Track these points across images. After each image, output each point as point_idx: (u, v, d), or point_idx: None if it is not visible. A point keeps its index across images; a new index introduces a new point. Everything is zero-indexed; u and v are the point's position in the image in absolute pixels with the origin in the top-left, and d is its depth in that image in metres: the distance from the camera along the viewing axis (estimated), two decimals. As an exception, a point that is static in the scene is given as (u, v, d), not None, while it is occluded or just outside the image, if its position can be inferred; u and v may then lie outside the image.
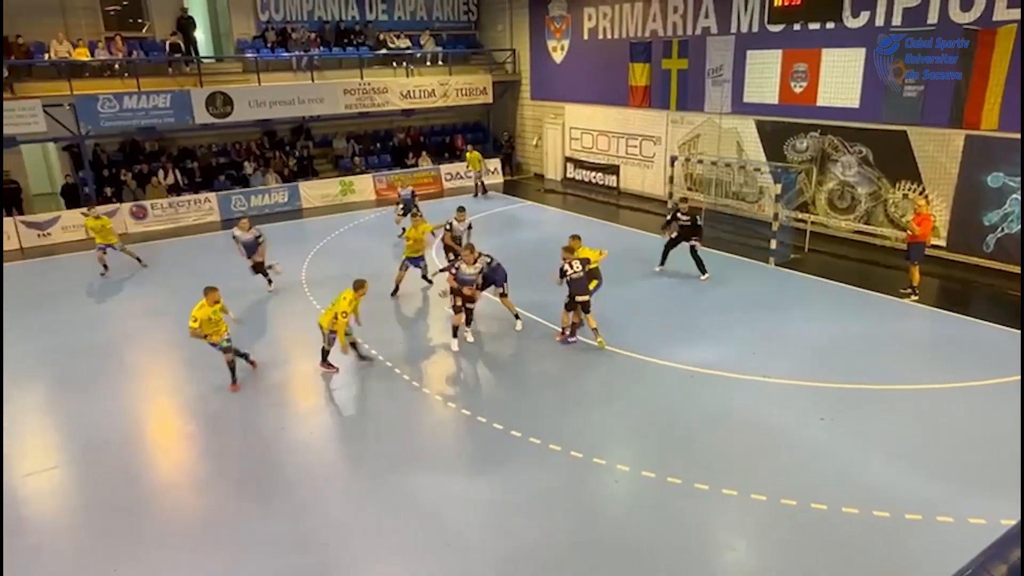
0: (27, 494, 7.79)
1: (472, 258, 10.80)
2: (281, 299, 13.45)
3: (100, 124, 18.39)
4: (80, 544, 6.90)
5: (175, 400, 9.86)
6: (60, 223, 18.15)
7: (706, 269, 13.74)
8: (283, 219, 20.00)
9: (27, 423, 9.37)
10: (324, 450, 8.43)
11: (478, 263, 10.86)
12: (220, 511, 7.30)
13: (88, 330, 12.21)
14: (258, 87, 20.55)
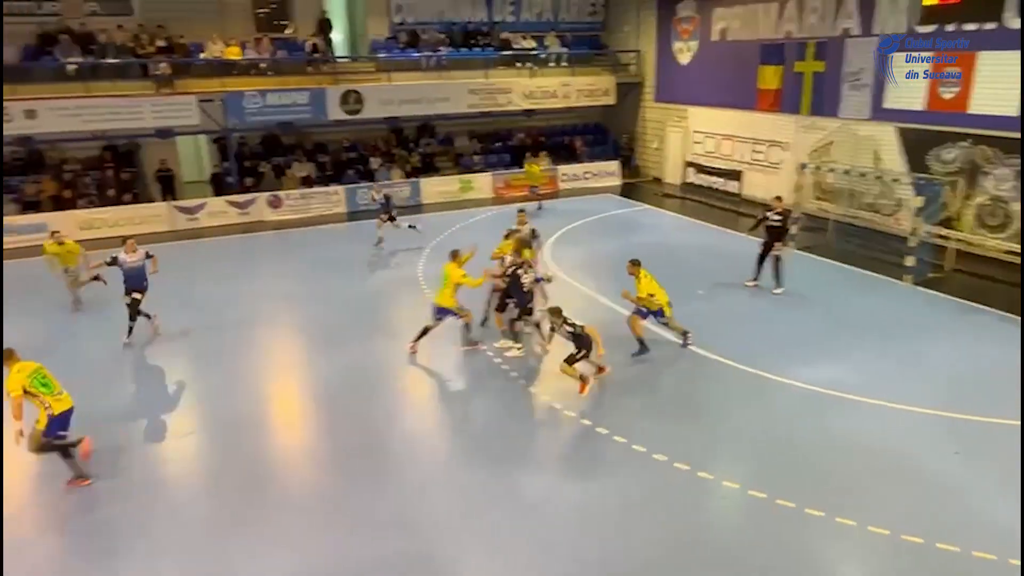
0: (168, 455, 8.55)
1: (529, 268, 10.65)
2: (397, 293, 13.95)
3: (245, 119, 19.80)
4: (207, 504, 7.48)
5: (301, 378, 10.47)
6: (207, 208, 19.70)
7: (783, 283, 12.97)
8: (404, 213, 20.66)
9: (173, 391, 10.27)
10: (436, 440, 8.69)
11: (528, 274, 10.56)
12: (335, 489, 7.68)
13: (228, 308, 13.17)
14: (388, 86, 21.44)
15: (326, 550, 6.68)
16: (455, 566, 6.49)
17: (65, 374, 8.02)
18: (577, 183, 23.81)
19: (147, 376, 10.80)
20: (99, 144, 20.25)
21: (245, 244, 16.34)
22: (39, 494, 7.78)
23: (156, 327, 11.89)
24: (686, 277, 14.05)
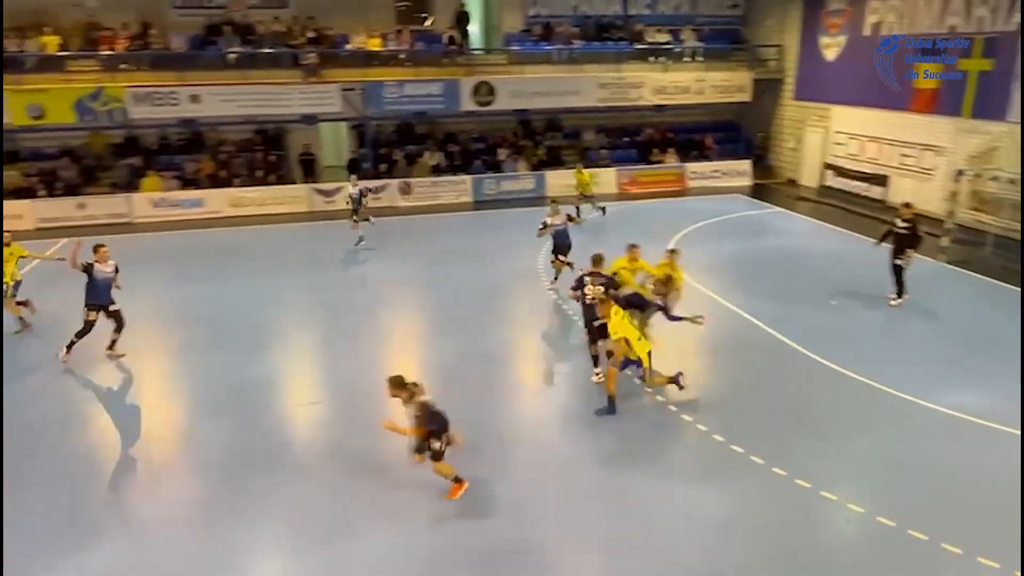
0: (295, 422, 9.12)
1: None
2: (516, 284, 14.10)
3: (383, 107, 20.67)
4: (327, 471, 7.90)
5: (421, 359, 10.85)
6: (343, 192, 20.68)
7: (904, 292, 11.93)
8: (528, 205, 20.95)
9: (303, 363, 10.96)
10: (546, 431, 8.73)
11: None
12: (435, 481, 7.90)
13: (355, 288, 13.86)
14: (519, 78, 21.68)
15: (433, 529, 6.89)
16: (556, 559, 6.51)
17: (214, 338, 8.71)
18: (705, 182, 23.10)
19: (279, 347, 11.53)
20: (251, 128, 21.80)
21: (376, 228, 17.07)
22: (187, 453, 8.53)
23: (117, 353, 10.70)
24: (818, 285, 13.33)
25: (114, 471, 8.11)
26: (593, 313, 9.14)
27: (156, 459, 8.26)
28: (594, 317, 9.12)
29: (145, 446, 8.57)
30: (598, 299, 8.92)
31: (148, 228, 18.86)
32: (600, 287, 9.13)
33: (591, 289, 9.18)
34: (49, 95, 18.41)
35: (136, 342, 11.54)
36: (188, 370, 10.61)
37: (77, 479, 7.76)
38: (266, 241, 17.67)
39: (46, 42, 19.43)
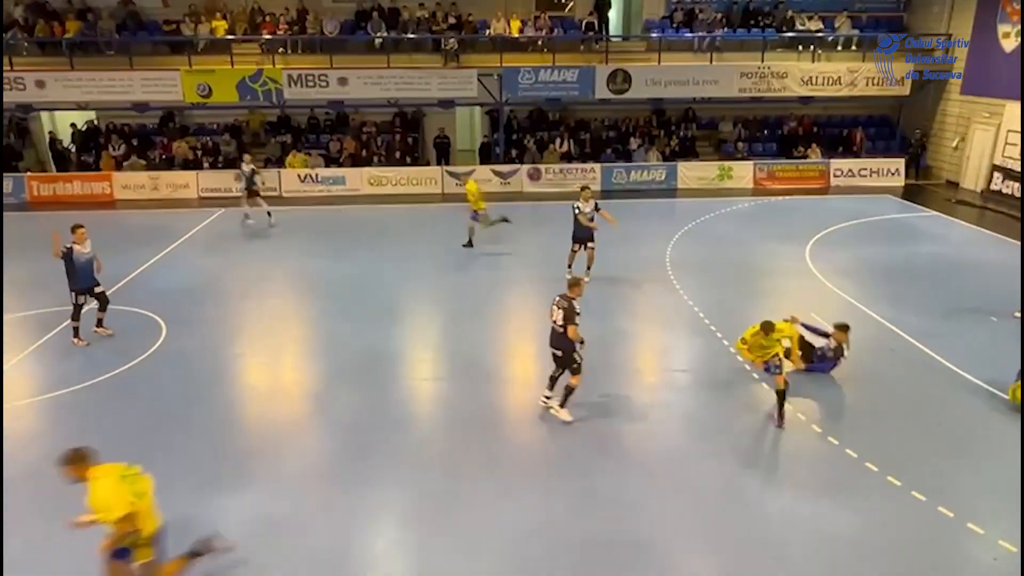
0: (419, 395, 9.49)
1: None
2: (642, 274, 13.89)
3: (518, 93, 20.88)
4: (446, 444, 8.17)
5: (540, 343, 10.93)
6: (474, 175, 21.19)
7: None
8: (657, 196, 20.55)
9: (429, 339, 11.37)
10: (667, 426, 8.57)
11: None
12: (561, 454, 7.96)
13: (482, 269, 14.16)
14: (657, 66, 21.18)
15: (543, 513, 6.97)
16: (671, 558, 6.40)
17: (347, 309, 9.17)
18: (852, 180, 21.66)
19: (408, 321, 12.00)
20: (392, 110, 22.71)
21: (504, 212, 17.33)
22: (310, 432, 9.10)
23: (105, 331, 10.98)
24: (976, 299, 12.20)
25: (256, 426, 8.79)
26: (553, 340, 8.38)
27: (292, 418, 8.87)
28: (552, 344, 8.40)
29: (283, 405, 9.21)
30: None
31: (294, 202, 20.16)
32: (561, 312, 8.18)
33: (553, 312, 8.32)
34: (216, 76, 20.01)
35: (278, 309, 12.42)
36: (323, 337, 11.28)
37: (224, 431, 8.48)
38: (401, 219, 18.40)
39: (216, 27, 21.12)
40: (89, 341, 10.80)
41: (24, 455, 8.15)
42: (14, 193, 20.27)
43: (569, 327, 8.12)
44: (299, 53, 21.18)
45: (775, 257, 14.75)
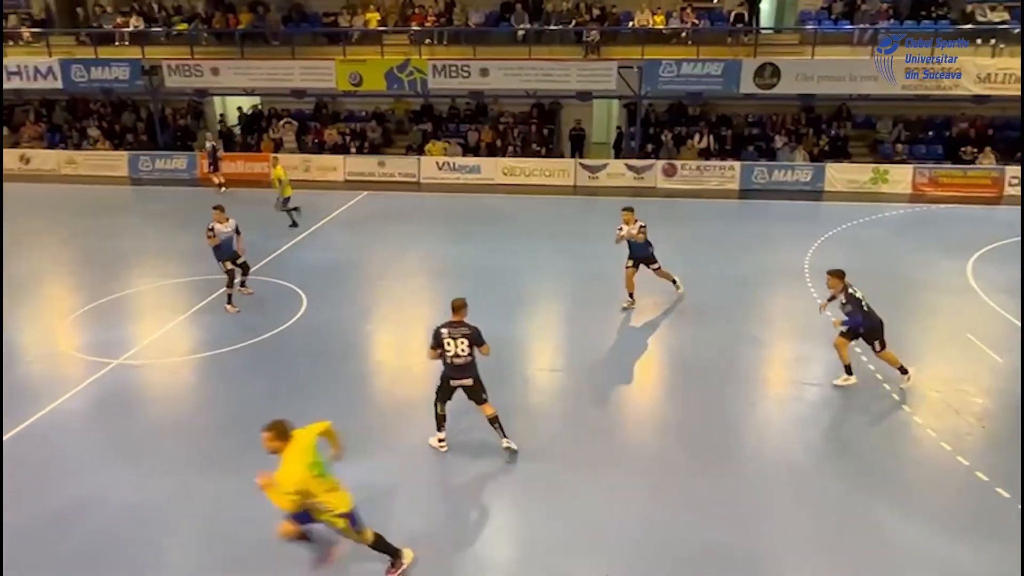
0: (538, 384, 9.58)
1: None
2: (777, 281, 13.22)
3: (658, 86, 20.42)
4: (555, 435, 8.19)
5: (668, 346, 10.71)
6: (608, 169, 21.06)
7: None
8: (800, 198, 19.44)
9: (550, 329, 11.44)
10: (789, 440, 8.14)
11: None
12: (673, 457, 7.76)
13: (607, 263, 13.99)
14: (809, 60, 19.97)
15: (654, 515, 6.83)
16: (782, 573, 6.10)
17: (474, 293, 9.35)
18: (1029, 189, 19.43)
19: (531, 310, 12.13)
20: (529, 101, 22.94)
21: (636, 207, 16.94)
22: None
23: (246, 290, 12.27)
24: None
25: (379, 400, 9.24)
26: (456, 374, 7.43)
27: (414, 395, 9.22)
28: (453, 377, 7.45)
29: (407, 382, 9.60)
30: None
31: (432, 189, 20.90)
32: (464, 340, 7.26)
33: (453, 344, 7.27)
34: (367, 65, 21.07)
35: (410, 290, 12.94)
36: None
37: (350, 402, 8.97)
38: (533, 210, 18.58)
39: (369, 18, 22.22)
40: (240, 308, 11.78)
41: (176, 407, 9.07)
42: (187, 170, 22.42)
43: (483, 348, 7.37)
44: (444, 44, 21.85)
45: (930, 270, 13.55)
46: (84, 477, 7.46)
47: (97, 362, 9.86)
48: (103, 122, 24.41)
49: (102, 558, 6.33)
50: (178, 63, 21.70)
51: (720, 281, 13.00)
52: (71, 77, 22.12)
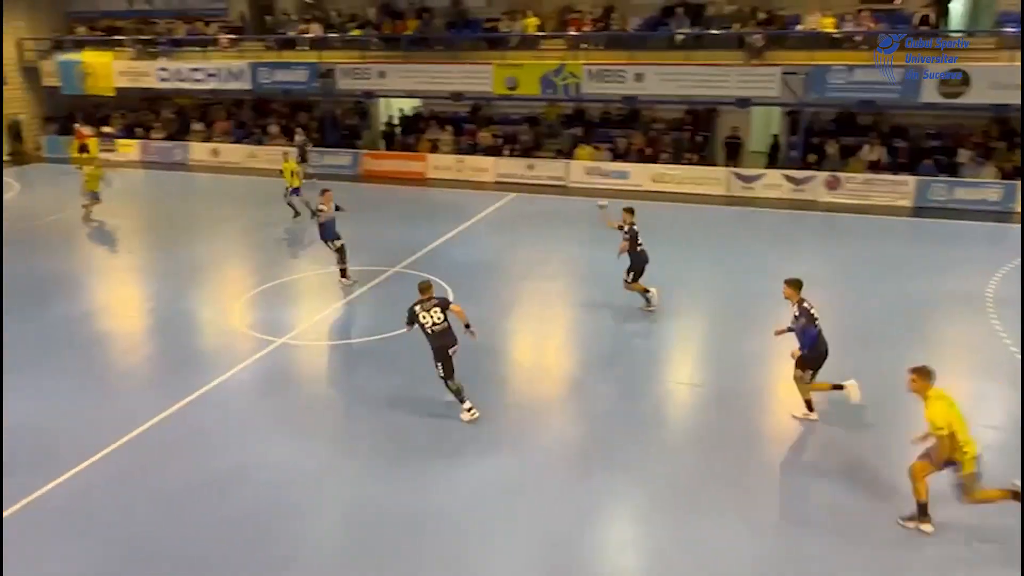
0: (675, 398, 9.32)
1: None
2: (953, 312, 11.96)
3: (825, 94, 19.16)
4: (689, 452, 7.89)
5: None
6: (764, 179, 20.08)
7: None
8: (986, 219, 17.51)
9: (693, 341, 11.08)
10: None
11: None
12: (817, 490, 7.24)
13: (756, 277, 13.34)
14: (1007, 67, 17.92)
15: (791, 548, 6.42)
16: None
17: (614, 300, 9.25)
18: None
19: (673, 321, 11.81)
20: (683, 107, 22.36)
21: (794, 220, 16.21)
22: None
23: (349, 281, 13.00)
24: None
25: (515, 400, 9.35)
26: (441, 341, 8.26)
27: (549, 398, 9.26)
28: (443, 345, 8.28)
29: (544, 384, 9.66)
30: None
31: (579, 193, 20.91)
32: (436, 308, 8.24)
33: (427, 315, 8.20)
34: (523, 70, 21.44)
35: (552, 292, 13.02)
36: (589, 325, 11.58)
37: (488, 399, 9.14)
38: (682, 218, 18.08)
39: (527, 23, 22.62)
40: (356, 279, 12.81)
41: (329, 387, 9.70)
42: (350, 166, 23.94)
43: (454, 307, 8.44)
44: (600, 49, 21.78)
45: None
46: (245, 444, 8.16)
47: (264, 339, 10.74)
48: (281, 120, 26.63)
49: (254, 522, 6.86)
50: (350, 66, 23.21)
51: (887, 306, 11.99)
52: (258, 79, 24.29)
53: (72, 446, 7.95)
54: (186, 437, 8.29)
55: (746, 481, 7.39)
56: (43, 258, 15.22)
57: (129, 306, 13.06)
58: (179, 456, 7.90)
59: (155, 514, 6.97)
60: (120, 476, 7.54)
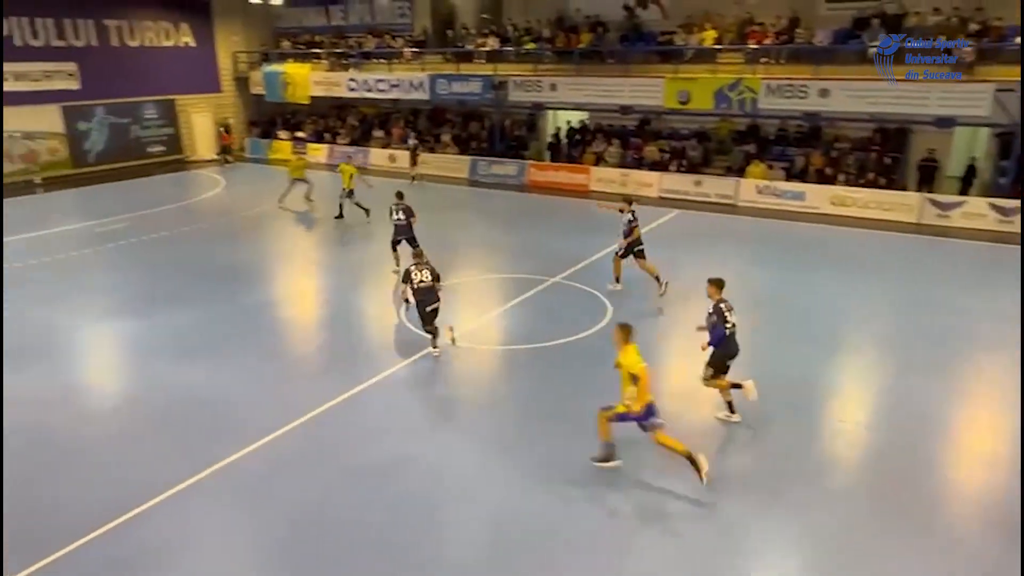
0: (842, 438, 8.54)
1: None
2: None
3: (1048, 114, 16.96)
4: (857, 497, 7.16)
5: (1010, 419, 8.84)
6: (963, 207, 18.09)
7: None
8: None
9: (870, 380, 10.14)
10: None
11: None
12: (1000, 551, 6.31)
13: (953, 315, 12.02)
14: None
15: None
16: None
17: (777, 326, 8.62)
18: None
19: (837, 355, 10.89)
20: (871, 126, 20.70)
21: (995, 255, 14.39)
22: (738, 423, 8.88)
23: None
24: None
25: (666, 420, 9.01)
26: (423, 296, 10.36)
27: (703, 428, 8.82)
28: (424, 301, 10.37)
29: (698, 413, 9.22)
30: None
31: (748, 212, 19.98)
32: (426, 269, 10.45)
33: (419, 273, 10.38)
34: (696, 84, 20.87)
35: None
36: (753, 353, 10.90)
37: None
38: (864, 246, 16.71)
39: (704, 37, 21.98)
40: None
41: (486, 390, 9.87)
42: (516, 175, 24.48)
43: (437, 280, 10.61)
44: (782, 63, 20.71)
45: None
46: (404, 437, 8.49)
47: (428, 339, 11.17)
48: (454, 129, 27.80)
49: (405, 515, 7.09)
50: (522, 78, 23.77)
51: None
52: (436, 90, 25.54)
53: (258, 421, 8.68)
54: (354, 423, 8.80)
55: (922, 542, 6.60)
56: (240, 247, 16.88)
57: (310, 297, 14.14)
58: (348, 439, 8.40)
59: (324, 489, 7.44)
60: (295, 453, 8.12)
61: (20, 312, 12.49)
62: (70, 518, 6.93)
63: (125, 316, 12.38)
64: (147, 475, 7.62)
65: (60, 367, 10.49)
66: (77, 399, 9.55)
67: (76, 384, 10.10)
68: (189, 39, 29.50)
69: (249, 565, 6.58)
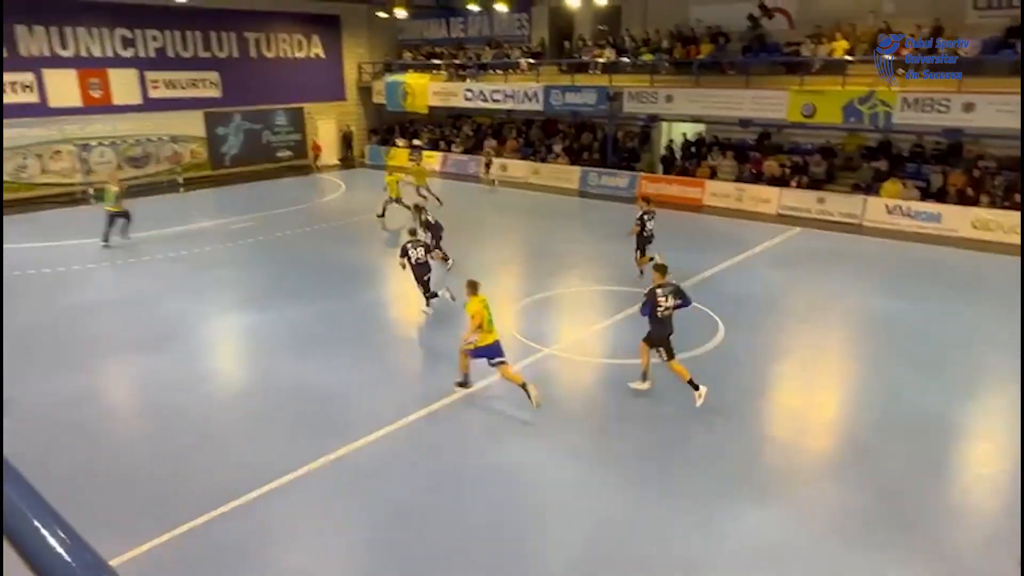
0: (986, 486, 7.76)
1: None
2: None
3: None
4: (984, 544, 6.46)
5: None
6: None
7: None
8: None
9: (1001, 417, 9.21)
10: None
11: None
12: None
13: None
14: None
15: None
16: None
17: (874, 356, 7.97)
18: None
19: (985, 393, 9.95)
20: (1022, 144, 18.95)
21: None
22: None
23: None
24: None
25: (779, 448, 8.52)
26: (421, 271, 12.18)
27: (823, 454, 8.28)
28: (421, 273, 12.21)
29: (816, 439, 8.68)
30: None
31: (875, 233, 18.76)
32: (420, 247, 12.18)
33: (414, 251, 12.10)
34: (823, 96, 19.84)
35: (833, 341, 11.75)
36: (877, 384, 10.20)
37: (751, 443, 8.46)
38: (1007, 275, 15.27)
39: (834, 47, 20.88)
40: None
41: (586, 403, 9.71)
42: (627, 187, 24.15)
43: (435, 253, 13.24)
44: (921, 75, 19.31)
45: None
46: (503, 445, 8.46)
47: (532, 347, 11.14)
48: (566, 140, 27.82)
49: (507, 521, 7.06)
50: (638, 90, 23.46)
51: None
52: (550, 101, 25.65)
53: (368, 416, 8.94)
54: (461, 425, 8.89)
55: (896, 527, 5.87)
56: (356, 248, 17.57)
57: (416, 298, 14.48)
58: (454, 441, 8.50)
59: (428, 489, 7.52)
60: (402, 450, 8.29)
61: (159, 301, 13.52)
62: (195, 497, 7.36)
63: (250, 309, 13.14)
64: (266, 459, 7.99)
65: (192, 353, 11.25)
66: (203, 384, 10.19)
67: (205, 370, 10.80)
68: (319, 50, 31.15)
69: (350, 559, 6.75)
